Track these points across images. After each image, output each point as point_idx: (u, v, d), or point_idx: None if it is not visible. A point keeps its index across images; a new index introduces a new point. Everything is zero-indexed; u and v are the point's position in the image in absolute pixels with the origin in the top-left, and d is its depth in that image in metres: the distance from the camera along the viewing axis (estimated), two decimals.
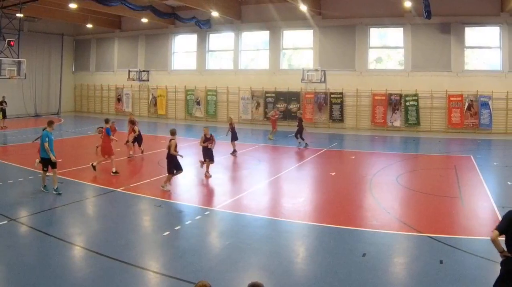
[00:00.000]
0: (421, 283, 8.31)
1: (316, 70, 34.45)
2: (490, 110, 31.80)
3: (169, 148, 14.78)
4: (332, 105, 34.84)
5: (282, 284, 8.25)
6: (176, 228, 11.04)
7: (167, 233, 10.71)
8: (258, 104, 36.53)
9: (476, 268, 8.96)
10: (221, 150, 22.23)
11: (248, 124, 36.00)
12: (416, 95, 33.08)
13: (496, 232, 6.37)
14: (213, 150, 17.33)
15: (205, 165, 17.21)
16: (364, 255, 9.47)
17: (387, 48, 35.71)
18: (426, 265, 9.01)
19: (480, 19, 32.55)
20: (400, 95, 33.37)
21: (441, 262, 9.05)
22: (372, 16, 34.03)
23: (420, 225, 11.46)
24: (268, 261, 9.30)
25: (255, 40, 38.08)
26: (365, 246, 10.10)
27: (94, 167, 17.10)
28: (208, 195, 15.20)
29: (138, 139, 21.21)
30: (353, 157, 22.60)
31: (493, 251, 9.25)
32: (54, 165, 14.10)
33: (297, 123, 24.86)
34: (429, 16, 29.34)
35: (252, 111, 36.80)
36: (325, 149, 24.13)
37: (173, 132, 15.16)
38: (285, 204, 13.66)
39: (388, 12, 33.14)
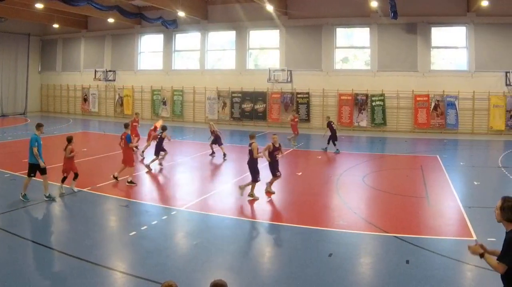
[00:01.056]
0: (387, 283, 8.06)
1: (283, 70, 33.39)
2: (457, 111, 30.98)
3: (250, 152, 13.63)
4: (299, 105, 33.58)
5: (249, 284, 8.05)
6: (143, 228, 10.70)
7: (134, 233, 10.38)
8: (225, 104, 35.11)
9: (443, 268, 8.64)
10: (188, 150, 22.19)
11: (215, 125, 34.83)
12: (382, 95, 32.03)
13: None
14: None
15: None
16: (330, 255, 9.23)
17: (353, 48, 34.62)
18: (393, 265, 8.80)
19: (446, 19, 31.67)
20: (367, 95, 32.36)
21: (407, 262, 8.82)
22: (338, 16, 32.94)
23: (386, 225, 11.16)
24: (235, 261, 9.10)
25: (222, 40, 36.60)
26: (332, 246, 9.86)
27: (116, 178, 15.51)
28: (175, 195, 14.64)
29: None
30: (320, 157, 21.92)
31: (459, 251, 9.32)
32: (43, 171, 12.91)
33: (329, 128, 23.09)
34: (395, 16, 28.59)
35: (218, 112, 35.35)
36: (292, 149, 23.41)
37: (253, 136, 13.97)
38: (251, 204, 13.15)
39: (354, 12, 32.19)
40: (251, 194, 13.59)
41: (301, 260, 9.05)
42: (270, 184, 14.34)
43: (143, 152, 20.58)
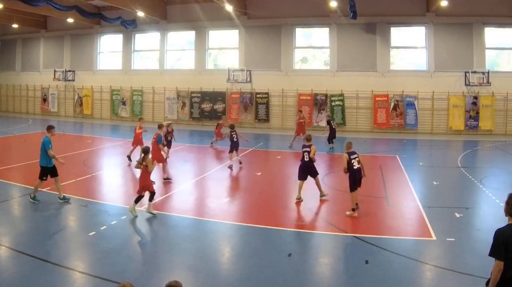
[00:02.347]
0: (346, 283, 7.86)
1: (242, 70, 31.85)
2: (416, 111, 29.93)
3: (307, 154, 12.74)
4: (258, 105, 32.11)
5: (208, 284, 7.76)
6: (102, 228, 10.34)
7: (93, 233, 10.01)
8: (184, 104, 33.44)
9: (402, 268, 8.40)
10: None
11: (174, 125, 32.53)
12: (341, 95, 30.66)
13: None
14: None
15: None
16: (289, 255, 8.94)
17: (312, 48, 33.19)
18: (352, 265, 8.56)
19: (405, 19, 30.52)
20: (326, 95, 30.95)
21: (366, 262, 8.55)
22: (297, 16, 31.52)
23: (345, 225, 10.79)
24: (194, 261, 8.79)
25: (181, 40, 34.85)
26: (291, 246, 9.60)
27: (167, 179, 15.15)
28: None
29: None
30: (279, 157, 21.28)
31: (418, 251, 9.24)
32: (55, 173, 12.40)
33: (328, 128, 22.92)
34: (354, 16, 27.36)
35: (177, 112, 33.71)
36: (251, 149, 22.46)
37: (309, 138, 13.20)
38: (211, 204, 12.78)
39: (313, 12, 30.79)
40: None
41: (260, 260, 8.72)
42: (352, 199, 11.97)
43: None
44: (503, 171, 18.11)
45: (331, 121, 22.85)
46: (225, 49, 34.57)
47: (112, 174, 16.89)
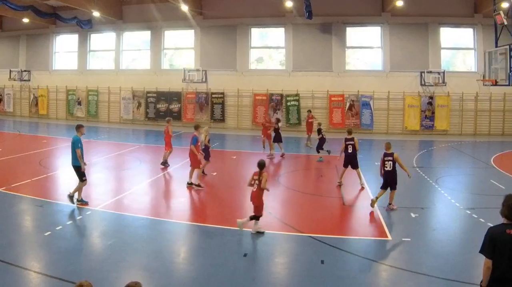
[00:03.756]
0: (302, 283, 7.60)
1: (197, 70, 30.40)
2: (371, 111, 28.73)
3: (352, 146, 13.79)
4: (214, 105, 30.63)
5: (164, 284, 7.54)
6: (58, 228, 10.03)
7: (49, 233, 9.71)
8: (139, 104, 31.89)
9: (357, 268, 8.23)
10: (103, 150, 21.19)
11: (130, 125, 31.74)
12: (297, 95, 29.36)
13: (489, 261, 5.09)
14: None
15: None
16: (245, 255, 8.76)
17: (268, 48, 31.79)
18: (308, 265, 8.30)
19: (361, 19, 29.33)
20: (282, 95, 29.57)
21: (322, 262, 8.37)
22: (253, 16, 30.13)
23: (301, 225, 10.51)
24: (150, 261, 8.49)
25: (137, 40, 33.27)
26: (246, 246, 9.39)
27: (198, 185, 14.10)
28: (89, 195, 13.34)
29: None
30: (235, 157, 20.68)
31: (374, 251, 9.11)
32: (82, 175, 11.97)
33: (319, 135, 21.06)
34: (310, 16, 26.45)
35: (133, 112, 32.14)
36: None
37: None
38: (166, 204, 12.56)
39: (269, 12, 29.42)
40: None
41: (216, 260, 8.48)
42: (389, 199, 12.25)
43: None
44: (458, 171, 17.67)
45: (322, 130, 21.91)
46: (181, 49, 32.64)
47: (68, 174, 15.79)
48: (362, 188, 14.10)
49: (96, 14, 29.46)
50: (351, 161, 14.26)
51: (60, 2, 29.43)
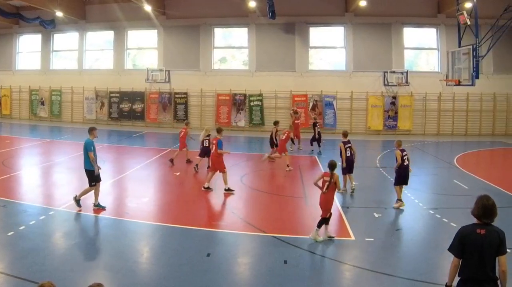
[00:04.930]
0: (266, 283, 7.50)
1: (161, 70, 29.94)
2: (335, 110, 28.40)
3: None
4: (177, 105, 30.18)
5: (127, 284, 7.43)
6: (21, 228, 9.84)
7: (11, 233, 9.53)
8: (103, 104, 31.32)
9: (321, 268, 8.26)
10: (67, 150, 20.77)
11: (93, 125, 31.63)
12: (260, 95, 28.98)
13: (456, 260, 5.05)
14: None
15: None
16: (208, 255, 8.61)
17: (231, 48, 31.39)
18: (271, 265, 8.19)
19: (324, 19, 29.10)
20: (245, 95, 29.17)
21: (285, 262, 8.27)
22: (216, 16, 29.74)
23: (264, 225, 10.37)
24: (113, 261, 8.40)
25: (100, 40, 32.70)
26: (210, 246, 9.19)
27: (230, 189, 13.64)
28: (53, 195, 13.39)
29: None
30: (198, 157, 20.57)
31: (337, 251, 9.04)
32: (97, 179, 11.48)
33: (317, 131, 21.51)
34: (273, 16, 26.02)
35: (96, 112, 31.59)
36: (170, 149, 21.59)
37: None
38: (129, 204, 12.24)
39: (232, 12, 29.12)
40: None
41: (179, 260, 8.35)
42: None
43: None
44: (421, 171, 17.31)
45: (317, 124, 21.39)
46: (144, 49, 32.08)
47: (31, 174, 16.06)
48: (352, 191, 13.74)
49: (59, 14, 28.96)
50: (351, 165, 13.90)
51: (23, 2, 28.86)
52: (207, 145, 16.15)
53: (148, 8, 27.68)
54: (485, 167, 20.04)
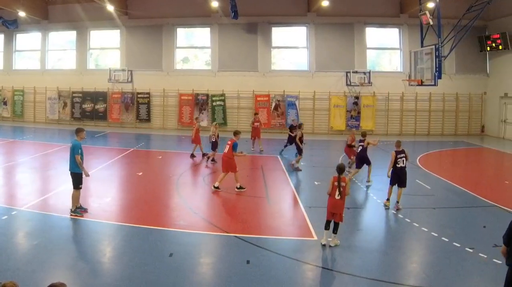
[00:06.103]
0: (228, 284, 7.46)
1: (123, 70, 29.71)
2: (297, 110, 28.23)
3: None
4: (139, 105, 29.89)
5: (90, 284, 7.39)
6: None
7: None
8: (65, 104, 30.93)
9: (283, 268, 8.08)
10: (29, 150, 20.47)
11: (55, 125, 30.73)
12: (223, 95, 28.77)
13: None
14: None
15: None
16: (171, 255, 8.57)
17: (194, 48, 31.10)
18: (233, 265, 8.18)
19: (287, 19, 28.91)
20: (207, 95, 28.93)
21: (248, 262, 8.26)
22: (179, 16, 29.52)
23: (227, 225, 10.37)
24: (75, 261, 8.32)
25: (62, 40, 32.28)
26: (172, 246, 9.12)
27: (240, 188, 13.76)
28: (15, 194, 13.16)
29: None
30: (160, 157, 20.10)
31: (299, 251, 8.97)
32: (80, 182, 11.03)
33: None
34: (236, 16, 26.04)
35: (59, 112, 31.18)
36: (132, 149, 21.43)
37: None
38: (92, 204, 11.95)
39: (195, 12, 28.90)
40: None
41: (141, 260, 8.28)
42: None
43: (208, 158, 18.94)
44: (384, 171, 17.15)
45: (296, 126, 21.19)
46: (107, 49, 31.70)
47: None
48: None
49: (21, 14, 28.41)
50: (364, 161, 14.94)
51: None
52: (214, 140, 17.93)
53: (110, 8, 27.34)
54: (447, 167, 20.00)
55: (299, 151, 17.18)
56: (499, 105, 28.07)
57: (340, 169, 9.24)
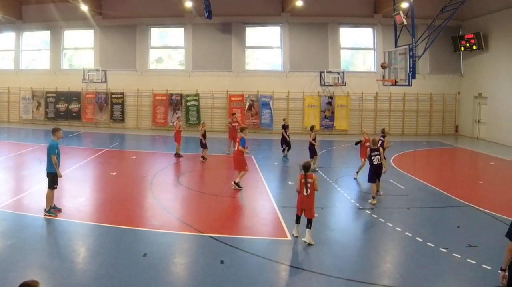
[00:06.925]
0: (202, 283, 7.42)
1: (97, 70, 29.40)
2: (271, 110, 28.07)
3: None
4: (113, 105, 29.62)
5: (63, 284, 7.31)
6: None
7: None
8: (39, 104, 30.64)
9: (257, 268, 8.05)
10: (2, 151, 20.09)
11: (29, 125, 30.43)
12: (197, 95, 28.58)
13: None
14: None
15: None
16: (145, 255, 8.48)
17: (168, 48, 30.93)
18: (207, 265, 8.12)
19: (261, 19, 28.84)
20: (181, 95, 28.75)
21: (222, 262, 8.19)
22: (153, 16, 29.30)
23: (201, 225, 10.24)
24: (49, 261, 8.24)
25: (36, 40, 31.95)
26: (146, 246, 9.04)
27: (237, 184, 13.75)
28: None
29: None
30: (134, 157, 20.01)
31: (273, 251, 8.94)
32: (55, 183, 10.86)
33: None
34: (209, 16, 25.81)
35: (33, 112, 30.88)
36: (106, 149, 21.26)
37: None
38: (66, 204, 11.79)
39: (169, 12, 28.73)
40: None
41: (116, 260, 8.21)
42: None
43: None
44: (354, 170, 17.35)
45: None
46: (81, 49, 31.44)
47: None
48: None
49: None
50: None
51: None
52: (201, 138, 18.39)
53: (84, 8, 27.17)
54: (421, 167, 20.06)
55: (314, 152, 17.07)
56: (473, 105, 28.09)
57: (305, 167, 9.36)
